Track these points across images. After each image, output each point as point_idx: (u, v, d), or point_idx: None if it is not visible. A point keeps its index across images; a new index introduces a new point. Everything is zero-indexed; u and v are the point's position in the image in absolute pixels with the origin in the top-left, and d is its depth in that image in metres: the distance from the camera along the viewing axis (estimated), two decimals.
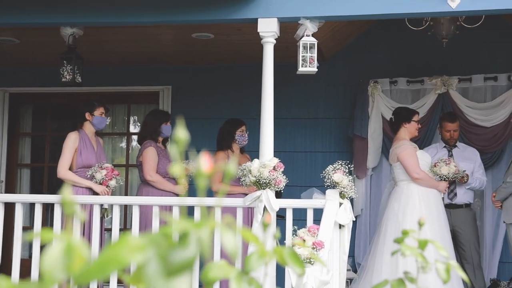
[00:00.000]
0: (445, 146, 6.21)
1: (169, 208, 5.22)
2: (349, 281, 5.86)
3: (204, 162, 0.70)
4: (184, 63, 7.14)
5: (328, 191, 4.72)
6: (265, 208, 4.64)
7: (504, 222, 5.58)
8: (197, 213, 4.65)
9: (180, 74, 7.23)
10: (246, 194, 4.93)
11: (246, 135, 5.89)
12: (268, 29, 4.89)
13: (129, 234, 0.71)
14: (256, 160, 4.77)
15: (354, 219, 5.03)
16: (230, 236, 0.71)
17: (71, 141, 5.41)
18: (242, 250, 4.95)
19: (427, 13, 4.82)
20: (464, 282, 5.82)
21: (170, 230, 0.68)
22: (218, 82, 7.19)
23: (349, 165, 4.82)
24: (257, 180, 4.66)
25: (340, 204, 4.70)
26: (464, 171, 5.93)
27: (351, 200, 5.00)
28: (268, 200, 4.61)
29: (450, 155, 6.12)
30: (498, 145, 6.54)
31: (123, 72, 7.26)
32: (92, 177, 5.36)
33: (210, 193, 5.76)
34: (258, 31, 4.91)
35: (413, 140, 5.91)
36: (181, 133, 0.69)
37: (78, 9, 5.10)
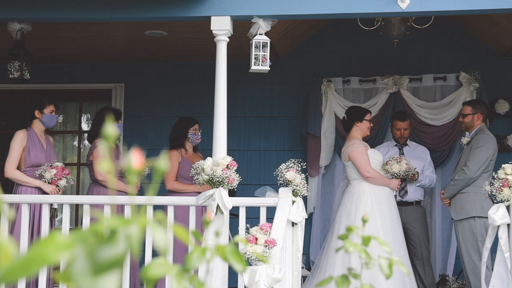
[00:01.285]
0: (396, 145, 6.31)
1: (120, 207, 5.16)
2: (303, 278, 5.90)
3: (134, 158, 0.70)
4: (137, 61, 7.07)
5: (281, 189, 4.74)
6: (218, 207, 4.63)
7: (452, 219, 5.70)
8: (149, 211, 4.62)
9: (133, 72, 7.15)
10: (199, 193, 4.92)
11: (199, 134, 5.88)
12: (221, 27, 4.88)
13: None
14: (209, 158, 4.76)
15: (307, 217, 5.07)
16: (161, 232, 0.70)
17: (19, 139, 5.30)
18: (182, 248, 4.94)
19: (378, 13, 4.90)
20: (416, 279, 5.93)
21: (99, 227, 0.67)
22: (171, 80, 7.15)
23: (302, 163, 4.85)
24: (210, 179, 4.65)
25: (293, 202, 4.74)
26: (415, 168, 6.04)
27: (304, 198, 5.03)
28: (221, 198, 4.60)
29: (401, 154, 6.22)
30: (447, 144, 6.68)
31: (74, 69, 7.14)
32: (41, 176, 5.25)
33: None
34: (211, 29, 4.90)
35: (365, 139, 5.99)
36: (110, 129, 0.68)
37: (27, 4, 4.99)
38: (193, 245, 1.00)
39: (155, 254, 4.84)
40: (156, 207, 5.28)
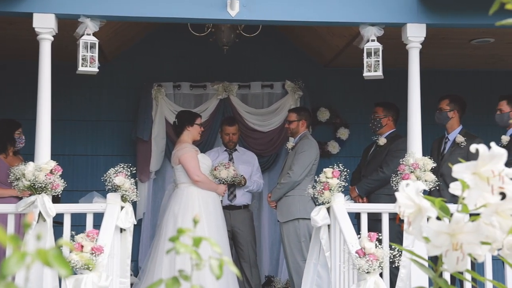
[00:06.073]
0: (226, 150, 6.43)
1: None
2: (131, 285, 5.78)
3: None
4: None
5: (109, 195, 4.61)
6: (40, 214, 4.38)
7: (278, 221, 5.92)
8: None
9: None
10: (19, 198, 4.61)
11: (23, 137, 5.56)
12: (45, 25, 4.63)
13: None
14: (30, 163, 4.49)
15: (136, 223, 4.98)
16: None
17: None
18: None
19: (207, 19, 4.95)
20: (244, 281, 6.08)
21: None
22: None
23: (131, 168, 4.76)
24: (32, 184, 4.38)
25: (122, 207, 4.62)
26: (242, 175, 6.19)
27: (134, 204, 4.93)
28: (44, 205, 4.37)
29: (231, 159, 6.35)
30: (273, 149, 6.95)
31: None
32: None
33: None
34: (34, 26, 4.64)
35: (196, 143, 6.02)
36: None
37: None
38: (11, 250, 0.91)
39: None
40: None
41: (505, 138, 5.42)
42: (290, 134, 6.11)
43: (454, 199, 1.36)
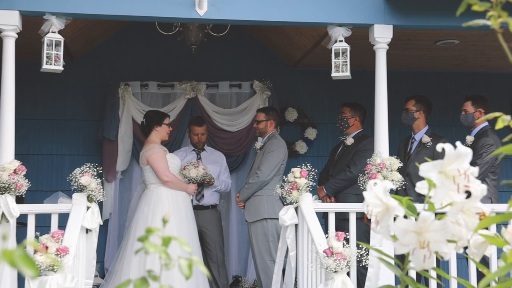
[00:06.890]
0: (194, 150, 6.40)
1: None
2: (96, 287, 5.71)
3: None
4: None
5: (74, 195, 4.55)
6: (3, 215, 4.29)
7: (246, 221, 5.92)
8: None
9: None
10: None
11: None
12: (8, 22, 4.55)
13: None
14: None
15: (102, 223, 4.92)
16: None
17: None
18: None
19: (175, 18, 4.91)
20: (211, 281, 6.06)
21: None
22: None
23: (98, 168, 4.70)
24: None
25: (88, 208, 4.57)
26: (210, 174, 6.17)
27: (100, 204, 4.87)
28: (7, 205, 4.29)
29: (199, 158, 6.33)
30: (242, 149, 6.94)
31: None
32: None
33: None
34: None
35: (164, 143, 5.98)
36: None
37: None
38: None
39: None
40: None
41: (469, 138, 5.51)
42: (259, 134, 6.11)
43: (420, 198, 1.37)
